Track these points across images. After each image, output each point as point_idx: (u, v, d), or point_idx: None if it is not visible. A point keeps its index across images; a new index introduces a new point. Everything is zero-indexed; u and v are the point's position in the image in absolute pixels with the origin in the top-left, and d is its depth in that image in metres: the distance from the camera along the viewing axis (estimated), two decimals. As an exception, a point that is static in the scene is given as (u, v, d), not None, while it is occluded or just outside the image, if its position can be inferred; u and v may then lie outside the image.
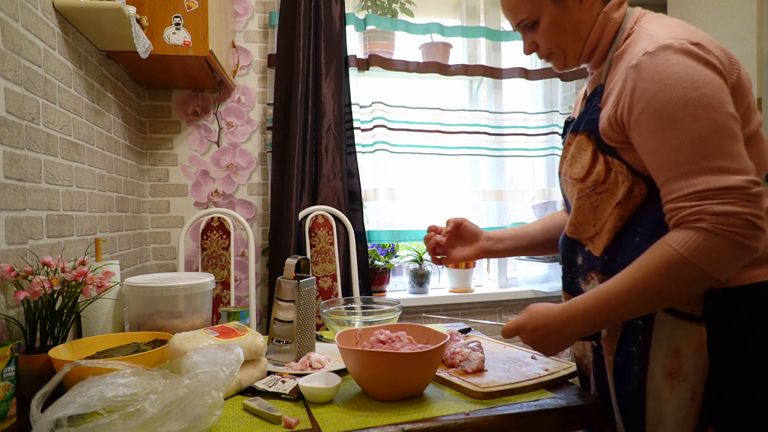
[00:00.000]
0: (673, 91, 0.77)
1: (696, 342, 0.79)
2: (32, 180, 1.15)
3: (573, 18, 0.93)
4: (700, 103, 0.75)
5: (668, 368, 0.82)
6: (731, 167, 0.73)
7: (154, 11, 1.61)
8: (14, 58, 1.07)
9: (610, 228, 0.90)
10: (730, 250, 0.72)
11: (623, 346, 0.89)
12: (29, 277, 1.00)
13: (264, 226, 2.30)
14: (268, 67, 2.26)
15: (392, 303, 1.51)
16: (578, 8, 0.93)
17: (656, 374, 0.84)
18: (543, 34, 0.96)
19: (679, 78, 0.77)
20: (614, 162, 0.88)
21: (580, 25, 0.94)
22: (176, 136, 2.22)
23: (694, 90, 0.76)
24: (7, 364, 0.84)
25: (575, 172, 0.94)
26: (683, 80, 0.76)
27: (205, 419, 0.79)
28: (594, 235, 0.94)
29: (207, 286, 1.29)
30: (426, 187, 2.48)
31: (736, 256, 0.73)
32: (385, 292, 2.46)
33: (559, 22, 0.94)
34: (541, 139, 2.58)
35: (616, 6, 0.94)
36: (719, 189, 0.73)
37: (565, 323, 0.87)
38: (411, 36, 2.44)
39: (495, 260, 2.67)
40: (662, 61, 0.78)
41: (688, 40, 0.79)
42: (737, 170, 0.73)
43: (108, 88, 1.68)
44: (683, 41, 0.79)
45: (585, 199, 0.93)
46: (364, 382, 0.96)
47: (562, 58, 0.99)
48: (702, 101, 0.75)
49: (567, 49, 0.98)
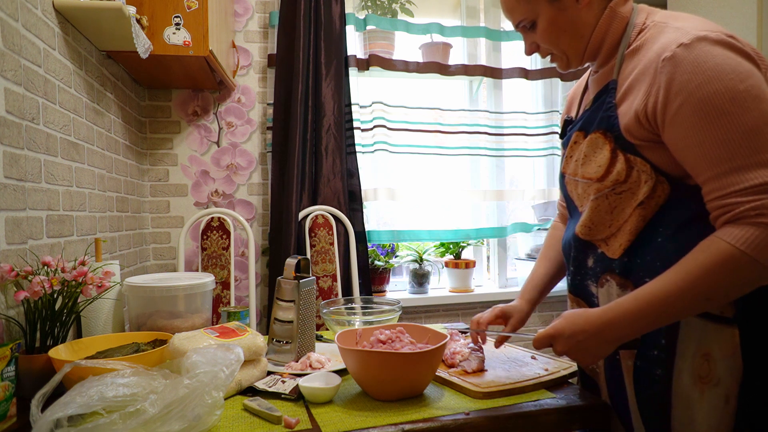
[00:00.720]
0: (719, 83, 0.74)
1: (728, 345, 0.78)
2: (32, 180, 1.15)
3: (571, 17, 0.91)
4: (749, 95, 0.73)
5: (698, 372, 0.80)
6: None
7: (154, 11, 1.61)
8: (14, 58, 1.07)
9: (630, 229, 0.87)
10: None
11: (643, 350, 0.87)
12: (29, 277, 1.00)
13: (264, 226, 2.30)
14: (268, 67, 2.26)
15: (392, 303, 1.51)
16: (575, 7, 0.91)
17: (684, 378, 0.82)
18: (541, 34, 0.95)
19: (723, 69, 0.74)
20: (636, 160, 0.85)
21: (579, 24, 0.92)
22: (176, 136, 2.22)
23: (741, 81, 0.73)
24: (7, 364, 0.84)
25: (590, 171, 0.90)
26: (728, 71, 0.74)
27: (205, 419, 0.79)
28: (609, 237, 0.91)
29: (207, 286, 1.29)
30: (426, 187, 2.48)
31: None
32: (385, 292, 2.46)
33: (556, 22, 0.92)
34: (541, 139, 2.58)
35: (623, 1, 0.92)
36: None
37: (605, 327, 0.82)
38: (411, 36, 2.44)
39: (495, 260, 2.68)
40: (702, 53, 0.75)
41: (723, 32, 0.77)
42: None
43: (108, 88, 1.68)
44: (719, 33, 0.77)
45: (603, 200, 0.89)
46: (364, 382, 0.96)
47: (564, 58, 0.97)
48: (750, 93, 0.73)
49: (567, 49, 0.95)
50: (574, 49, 0.95)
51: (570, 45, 0.94)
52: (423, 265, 2.48)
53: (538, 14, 0.93)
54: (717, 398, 0.79)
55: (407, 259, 2.51)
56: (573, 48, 0.95)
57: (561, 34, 0.93)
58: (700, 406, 0.80)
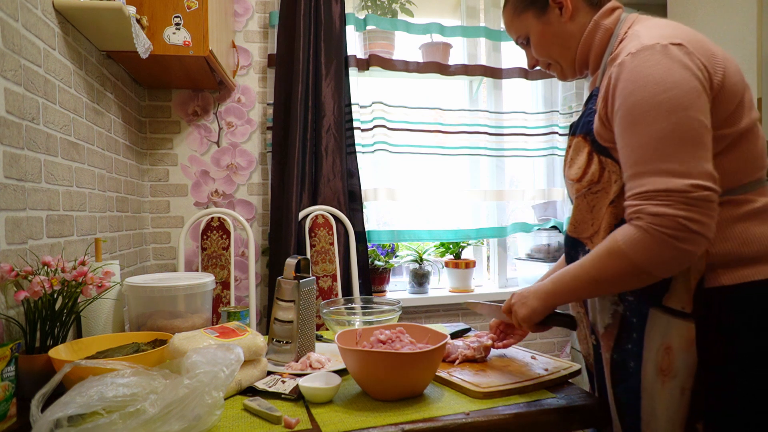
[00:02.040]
0: (644, 92, 0.79)
1: (686, 339, 0.81)
2: (32, 180, 1.15)
3: (557, 30, 0.99)
4: (665, 105, 0.77)
5: (660, 364, 0.84)
6: (678, 170, 0.75)
7: (154, 11, 1.61)
8: (14, 58, 1.07)
9: (605, 227, 0.91)
10: (661, 249, 0.75)
11: (620, 343, 0.91)
12: (29, 277, 1.01)
13: (264, 226, 2.30)
14: (268, 67, 2.26)
15: (392, 303, 1.51)
16: (559, 21, 0.98)
17: (649, 371, 0.85)
18: (534, 48, 1.04)
19: (651, 79, 0.79)
20: (607, 162, 0.90)
21: (566, 36, 0.99)
22: (176, 136, 2.22)
23: (663, 92, 0.78)
24: (7, 364, 0.84)
25: (573, 173, 0.96)
26: (654, 81, 0.78)
27: (205, 419, 0.79)
28: (593, 234, 0.95)
29: (207, 286, 1.29)
30: (426, 187, 2.48)
31: (667, 255, 0.76)
32: (385, 292, 2.46)
33: (545, 35, 1.00)
34: (541, 139, 2.58)
35: (607, 13, 0.97)
36: (660, 191, 0.76)
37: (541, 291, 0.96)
38: (411, 36, 2.44)
39: (495, 260, 2.68)
40: (641, 62, 0.80)
41: (670, 41, 0.80)
42: (684, 173, 0.75)
43: (108, 88, 1.68)
44: (665, 42, 0.80)
45: (582, 199, 0.95)
46: (364, 382, 0.96)
47: (559, 68, 1.05)
48: (667, 103, 0.77)
49: (559, 60, 1.03)
50: (565, 60, 1.02)
51: (560, 56, 1.02)
52: (423, 265, 2.48)
53: (529, 29, 1.02)
54: (674, 389, 0.82)
55: (407, 259, 2.51)
56: (564, 59, 1.02)
57: (550, 47, 1.01)
58: (661, 397, 0.84)
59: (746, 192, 0.84)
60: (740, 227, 0.83)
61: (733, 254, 0.82)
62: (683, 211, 0.74)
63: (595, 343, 0.99)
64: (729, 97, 0.82)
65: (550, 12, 0.99)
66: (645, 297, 0.86)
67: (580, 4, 0.98)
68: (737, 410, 0.81)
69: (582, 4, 0.98)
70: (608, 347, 0.93)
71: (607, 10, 0.96)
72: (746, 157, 0.84)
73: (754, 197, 0.84)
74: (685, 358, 0.81)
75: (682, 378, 0.81)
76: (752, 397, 0.80)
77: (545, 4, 0.99)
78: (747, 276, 0.81)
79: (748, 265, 0.81)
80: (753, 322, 0.81)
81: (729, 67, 0.83)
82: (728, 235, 0.82)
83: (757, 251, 0.82)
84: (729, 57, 0.86)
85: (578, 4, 0.98)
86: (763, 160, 0.86)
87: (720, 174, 0.79)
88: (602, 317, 0.94)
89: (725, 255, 0.82)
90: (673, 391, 0.82)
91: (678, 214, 0.74)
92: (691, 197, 0.74)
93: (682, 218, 0.74)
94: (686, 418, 0.82)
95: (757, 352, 0.80)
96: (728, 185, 0.83)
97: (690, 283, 0.81)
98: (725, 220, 0.83)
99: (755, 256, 0.82)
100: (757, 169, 0.85)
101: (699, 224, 0.74)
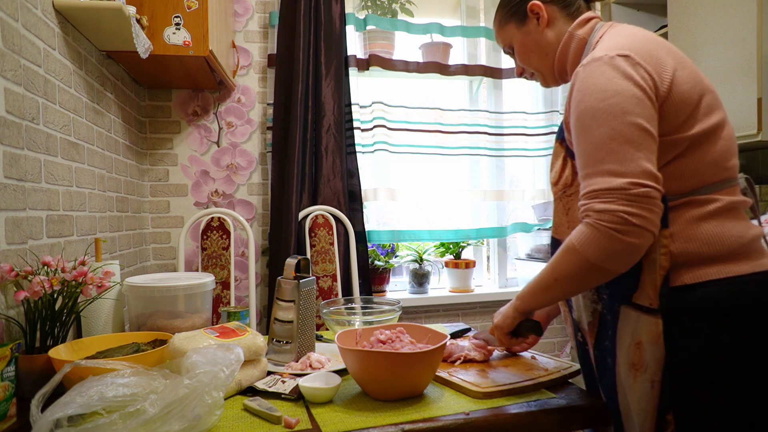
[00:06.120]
0: (590, 100, 0.84)
1: (654, 333, 0.83)
2: (32, 180, 1.15)
3: (536, 39, 1.04)
4: (604, 113, 0.83)
5: (632, 359, 0.87)
6: (618, 170, 0.80)
7: (154, 11, 1.61)
8: (14, 58, 1.07)
9: None
10: (609, 243, 0.80)
11: (600, 340, 0.95)
12: (29, 277, 1.00)
13: (264, 226, 2.30)
14: (268, 67, 2.26)
15: (392, 303, 1.51)
16: (537, 30, 1.03)
17: (622, 366, 0.89)
18: (517, 56, 1.09)
19: (594, 89, 0.84)
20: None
21: (544, 45, 1.04)
22: (176, 136, 2.22)
23: (603, 100, 0.83)
24: (7, 364, 0.84)
25: (551, 177, 1.03)
26: (596, 91, 0.84)
27: (205, 419, 0.79)
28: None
29: (207, 286, 1.29)
30: (426, 187, 2.48)
31: (614, 249, 0.80)
32: (385, 292, 2.46)
33: (525, 44, 1.06)
34: (541, 139, 2.58)
35: (581, 24, 1.00)
36: (603, 189, 0.81)
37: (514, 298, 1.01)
38: (411, 36, 2.44)
39: (495, 260, 2.68)
40: (588, 73, 0.86)
41: (618, 53, 0.85)
42: (623, 173, 0.80)
43: (108, 88, 1.68)
44: (612, 53, 0.85)
45: (558, 202, 1.01)
46: (364, 382, 0.96)
47: (540, 76, 1.09)
48: (606, 111, 0.82)
49: (539, 68, 1.07)
50: (544, 68, 1.07)
51: (540, 64, 1.06)
52: (423, 265, 2.48)
53: (512, 39, 1.08)
54: (645, 383, 0.85)
55: (407, 259, 2.51)
56: (543, 67, 1.07)
57: (530, 55, 1.07)
58: (633, 391, 0.87)
59: (712, 192, 0.87)
60: (704, 227, 0.85)
61: (695, 254, 0.85)
62: (624, 206, 0.79)
63: (581, 340, 1.02)
64: (679, 103, 0.85)
65: (529, 22, 1.04)
66: (617, 296, 0.89)
67: (557, 14, 1.02)
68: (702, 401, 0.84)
69: (559, 14, 1.02)
70: (591, 344, 0.98)
71: (581, 21, 1.00)
72: (706, 159, 0.87)
73: (720, 196, 0.87)
74: (653, 352, 0.83)
75: (652, 371, 0.84)
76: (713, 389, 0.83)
77: (524, 15, 1.04)
78: (707, 275, 0.84)
79: (709, 265, 0.84)
80: (711, 319, 0.83)
81: (681, 76, 0.86)
82: (691, 236, 0.85)
83: (717, 251, 0.85)
84: (685, 65, 0.88)
85: (555, 14, 1.02)
86: (728, 161, 0.89)
87: (679, 175, 0.86)
88: (585, 315, 0.97)
89: (688, 255, 0.85)
90: (644, 384, 0.85)
91: (619, 209, 0.79)
92: (631, 194, 0.79)
93: (624, 213, 0.78)
94: (657, 410, 0.84)
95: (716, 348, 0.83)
96: (690, 186, 0.87)
97: (656, 281, 0.84)
98: (689, 221, 0.86)
99: (716, 256, 0.85)
100: (721, 170, 0.88)
101: (640, 218, 0.78)
